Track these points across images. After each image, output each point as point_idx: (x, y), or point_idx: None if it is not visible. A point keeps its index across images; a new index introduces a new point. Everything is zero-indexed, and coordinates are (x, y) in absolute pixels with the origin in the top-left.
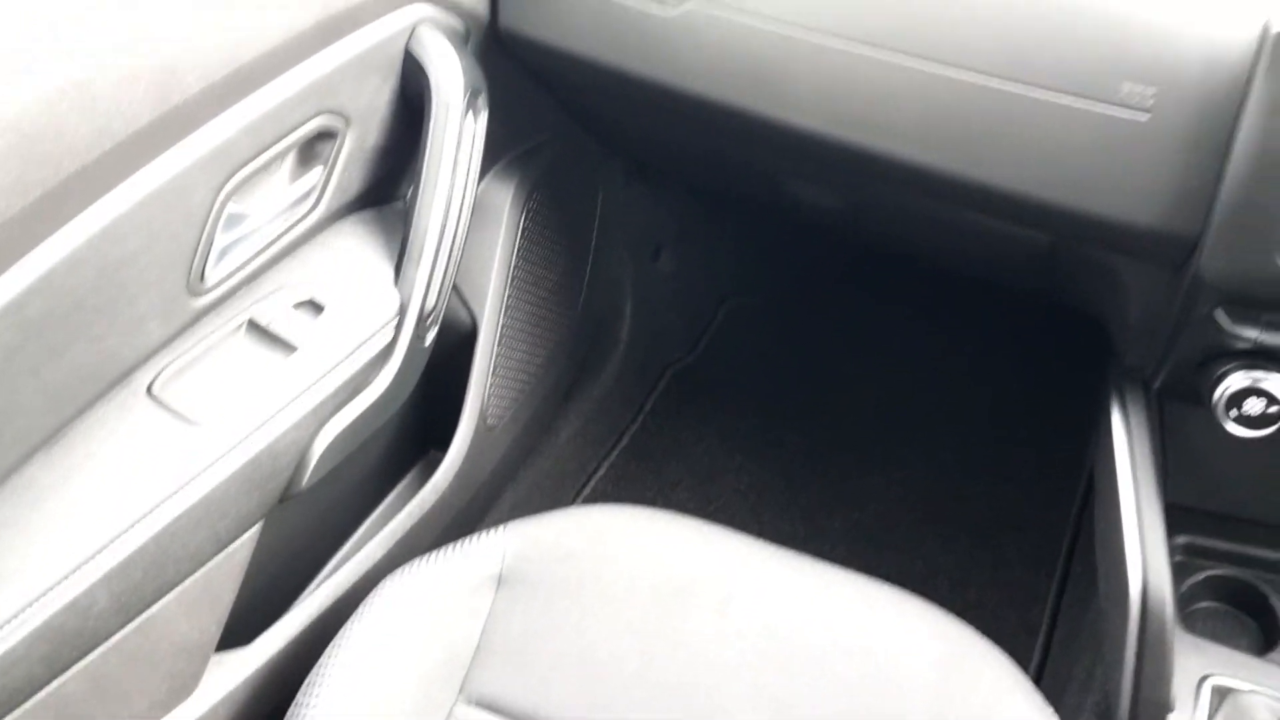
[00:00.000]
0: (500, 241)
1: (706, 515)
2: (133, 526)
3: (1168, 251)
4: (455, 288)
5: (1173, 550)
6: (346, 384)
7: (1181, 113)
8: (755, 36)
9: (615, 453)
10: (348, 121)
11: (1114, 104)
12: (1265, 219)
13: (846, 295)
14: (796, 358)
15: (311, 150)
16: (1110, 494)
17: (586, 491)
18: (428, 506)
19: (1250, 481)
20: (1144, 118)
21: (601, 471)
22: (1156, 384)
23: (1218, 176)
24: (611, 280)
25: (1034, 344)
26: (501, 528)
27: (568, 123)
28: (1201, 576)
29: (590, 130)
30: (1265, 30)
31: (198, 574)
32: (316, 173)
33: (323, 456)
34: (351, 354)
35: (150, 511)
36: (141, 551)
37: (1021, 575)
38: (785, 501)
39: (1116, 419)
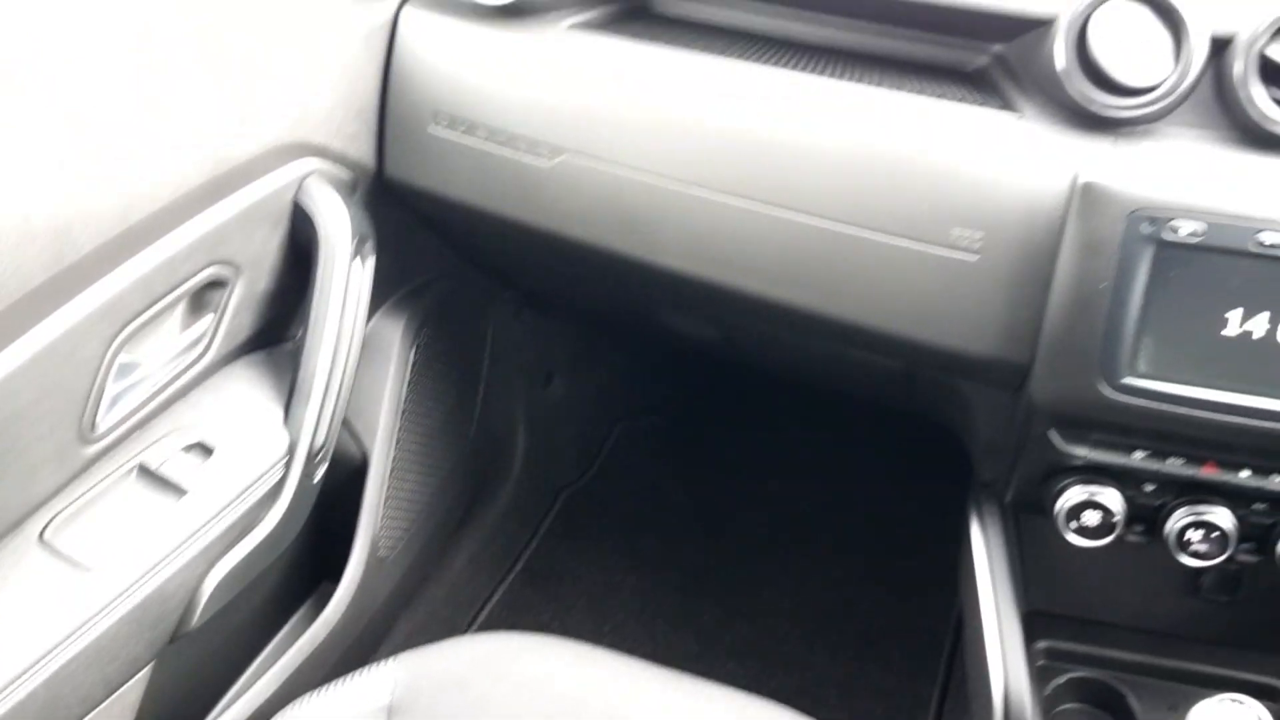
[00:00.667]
0: (390, 376)
1: (601, 636)
2: (23, 673)
3: (1004, 377)
4: (346, 423)
5: (1036, 655)
6: (235, 524)
7: (1006, 254)
8: (625, 185)
9: (511, 577)
10: (238, 270)
11: (946, 246)
12: (1084, 348)
13: (735, 414)
14: (689, 476)
15: (202, 298)
16: (972, 603)
17: (482, 618)
18: (320, 640)
19: (1102, 586)
20: (973, 258)
21: (497, 597)
22: (1008, 498)
23: (1041, 310)
24: (504, 407)
25: (912, 457)
26: (392, 659)
27: (456, 260)
28: (1064, 679)
29: (478, 267)
30: (1075, 180)
31: (88, 717)
32: (207, 320)
33: (212, 596)
34: (240, 495)
35: (41, 657)
36: (32, 697)
37: (907, 683)
38: (680, 619)
39: (975, 531)
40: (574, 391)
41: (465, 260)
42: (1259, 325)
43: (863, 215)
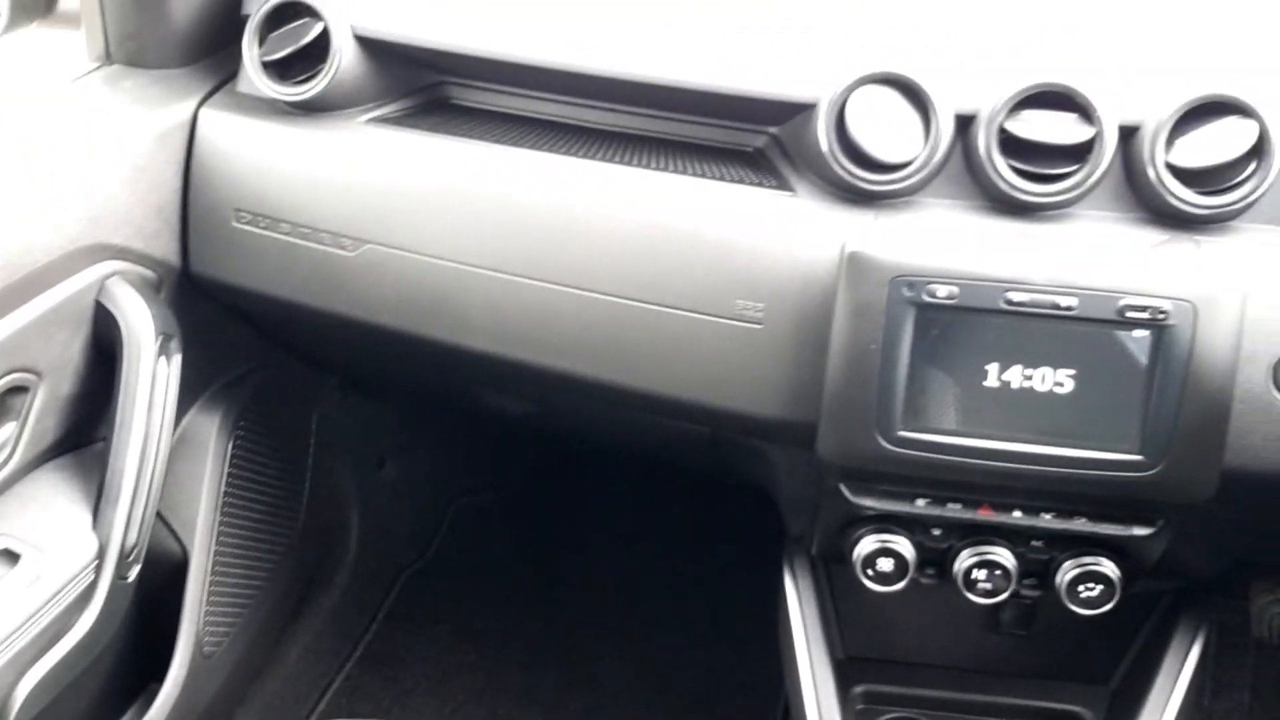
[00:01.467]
0: (208, 471)
1: (443, 718)
2: None
3: (796, 437)
4: (163, 520)
5: (855, 699)
6: (46, 630)
7: (787, 321)
8: (429, 272)
9: (350, 664)
10: (39, 375)
11: (731, 317)
12: (861, 405)
13: (567, 485)
14: (525, 550)
15: (3, 405)
16: (788, 653)
17: (321, 707)
18: None
19: (913, 629)
20: (757, 327)
21: (336, 685)
22: (814, 550)
23: (822, 372)
24: (336, 493)
25: (735, 515)
26: None
27: (273, 350)
28: None
29: (296, 356)
30: (843, 251)
31: None
32: (10, 427)
33: (24, 704)
34: (50, 600)
35: None
36: None
37: None
38: (522, 692)
39: (788, 584)
40: (407, 472)
41: (283, 349)
42: (1015, 376)
43: (654, 291)
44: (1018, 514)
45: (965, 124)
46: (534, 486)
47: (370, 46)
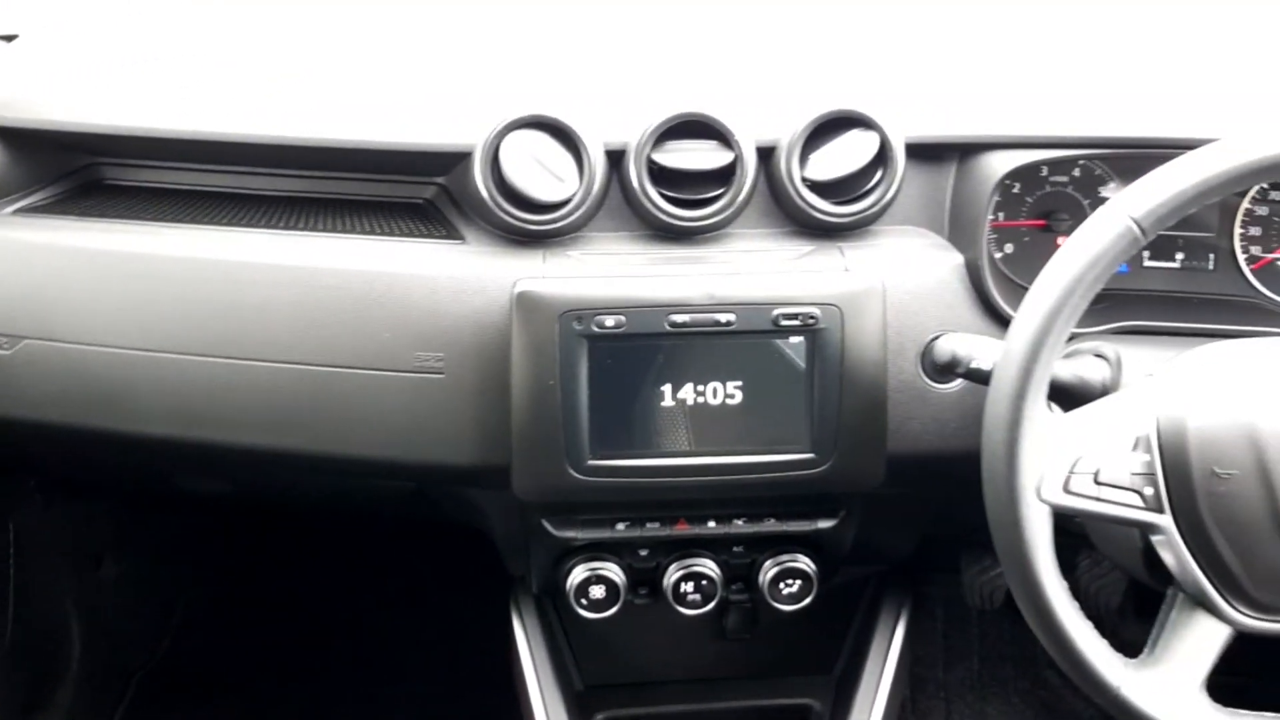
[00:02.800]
0: None
1: None
2: None
3: (494, 480)
4: None
5: None
6: None
7: (468, 368)
8: (94, 362)
9: None
10: None
11: (413, 370)
12: (549, 441)
13: (295, 559)
14: (264, 631)
15: None
16: (521, 692)
17: None
18: None
19: (648, 649)
20: (440, 377)
21: None
22: (535, 588)
23: (508, 413)
24: (50, 600)
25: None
26: None
27: None
28: None
29: None
30: (513, 290)
31: None
32: None
33: None
34: None
35: None
36: None
37: None
38: None
39: (515, 625)
40: (129, 570)
41: None
42: (688, 393)
43: (331, 354)
44: (712, 524)
45: (618, 158)
46: (260, 567)
47: (7, 135)
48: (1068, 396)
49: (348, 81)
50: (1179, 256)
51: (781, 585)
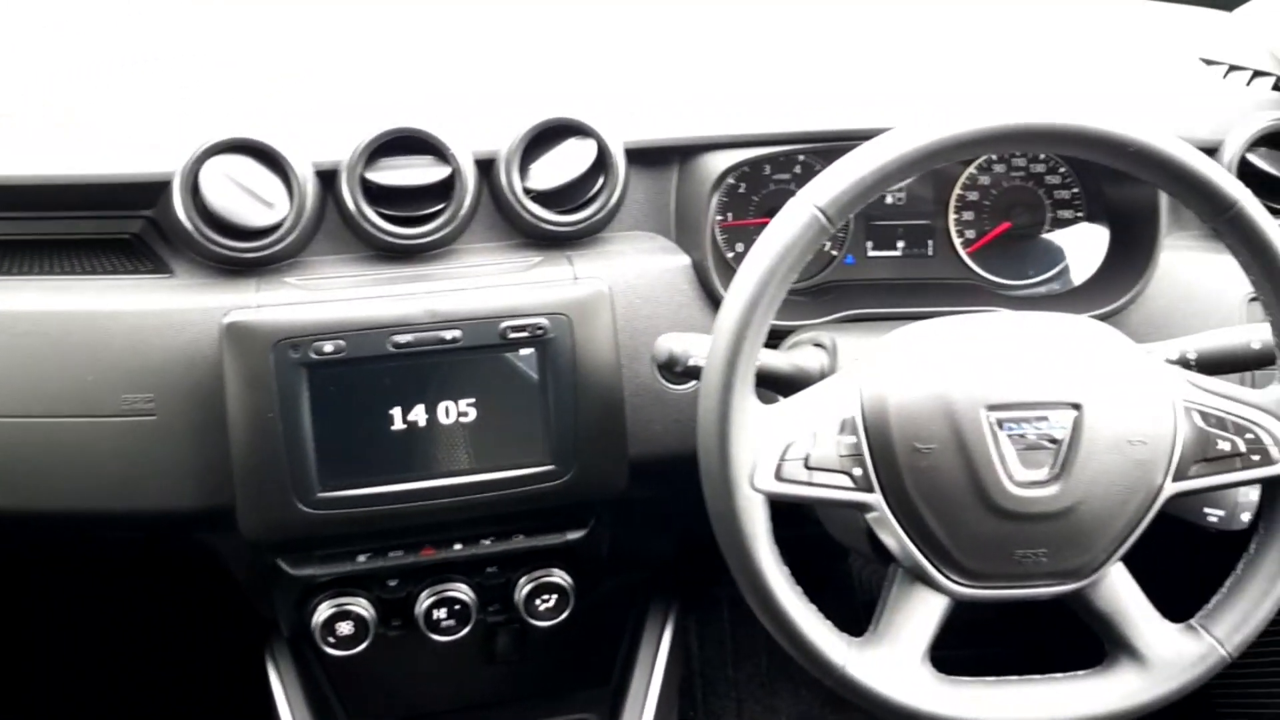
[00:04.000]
0: None
1: None
2: None
3: (220, 522)
4: None
5: None
6: None
7: (180, 407)
8: None
9: None
10: None
11: (120, 415)
12: (274, 476)
13: (44, 613)
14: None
15: None
16: None
17: None
18: None
19: (416, 683)
20: (151, 419)
21: None
22: (285, 631)
23: (227, 451)
24: None
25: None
26: None
27: None
28: None
29: None
30: (223, 322)
31: None
32: None
33: None
34: None
35: None
36: None
37: None
38: None
39: (270, 671)
40: None
41: None
42: (419, 415)
43: (33, 403)
44: (459, 546)
45: (331, 179)
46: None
47: None
48: (789, 386)
49: (45, 115)
50: (900, 245)
51: (538, 602)
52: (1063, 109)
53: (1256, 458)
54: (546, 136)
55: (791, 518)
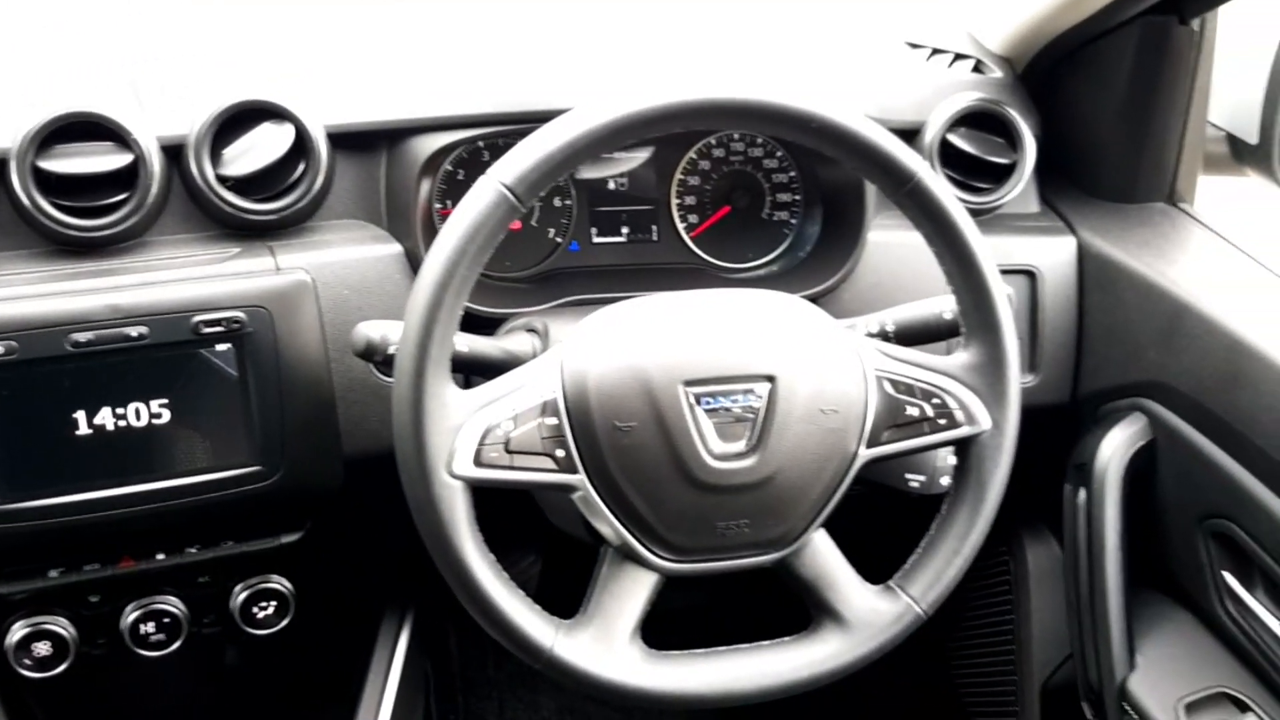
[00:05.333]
0: None
1: None
2: None
3: None
4: None
5: None
6: None
7: None
8: None
9: None
10: None
11: None
12: None
13: None
14: None
15: None
16: None
17: None
18: None
19: (133, 703)
20: None
21: None
22: None
23: None
24: None
25: None
26: None
27: None
28: None
29: None
30: None
31: None
32: None
33: None
34: None
35: None
36: None
37: None
38: None
39: None
40: None
41: None
42: (107, 418)
43: None
44: (162, 556)
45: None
46: None
47: None
48: (499, 372)
49: None
50: (625, 230)
51: (255, 610)
52: (746, 85)
53: (943, 421)
54: (240, 120)
55: None
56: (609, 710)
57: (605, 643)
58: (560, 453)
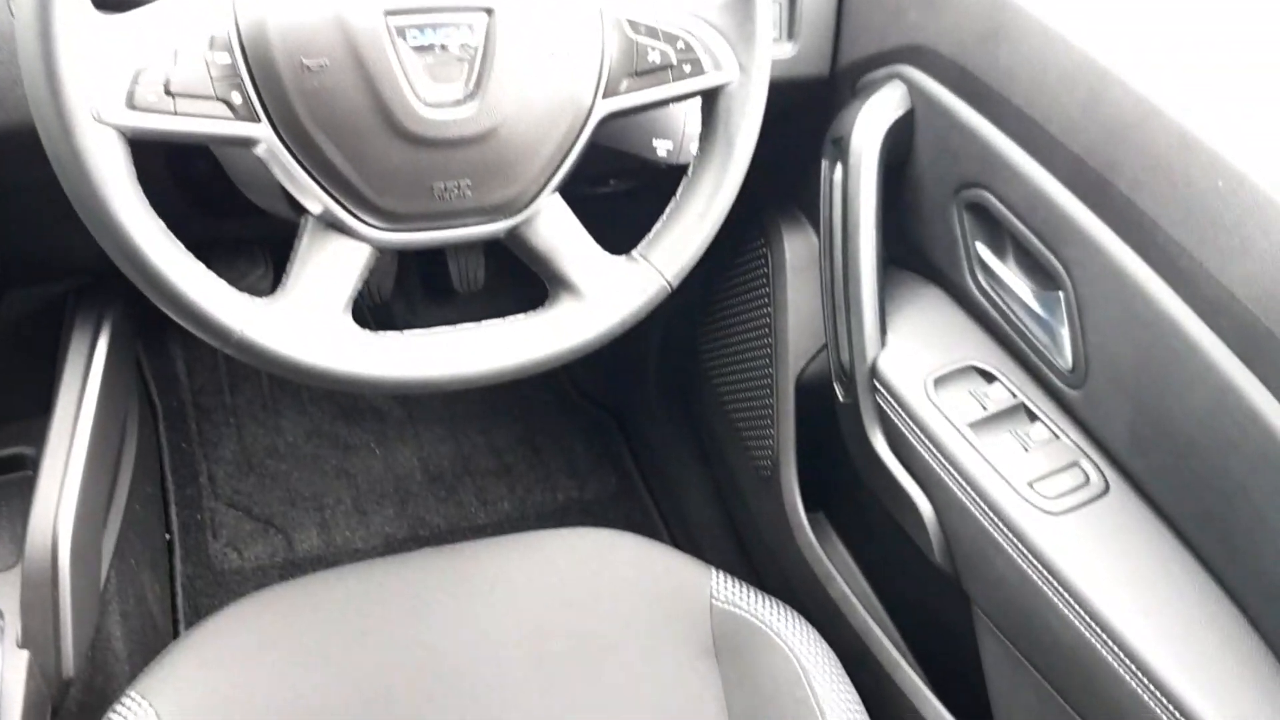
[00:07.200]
0: None
1: None
2: None
3: None
4: None
5: None
6: None
7: None
8: None
9: None
10: None
11: None
12: None
13: None
14: None
15: None
16: None
17: None
18: None
19: None
20: None
21: None
22: None
23: None
24: None
25: None
26: None
27: None
28: None
29: None
30: None
31: None
32: None
33: None
34: None
35: None
36: None
37: None
38: None
39: None
40: None
41: None
42: None
43: None
44: None
45: None
46: None
47: None
48: None
49: None
50: None
51: None
52: None
53: (688, 68)
54: None
55: None
56: (360, 430)
57: (307, 321)
58: (236, 97)
